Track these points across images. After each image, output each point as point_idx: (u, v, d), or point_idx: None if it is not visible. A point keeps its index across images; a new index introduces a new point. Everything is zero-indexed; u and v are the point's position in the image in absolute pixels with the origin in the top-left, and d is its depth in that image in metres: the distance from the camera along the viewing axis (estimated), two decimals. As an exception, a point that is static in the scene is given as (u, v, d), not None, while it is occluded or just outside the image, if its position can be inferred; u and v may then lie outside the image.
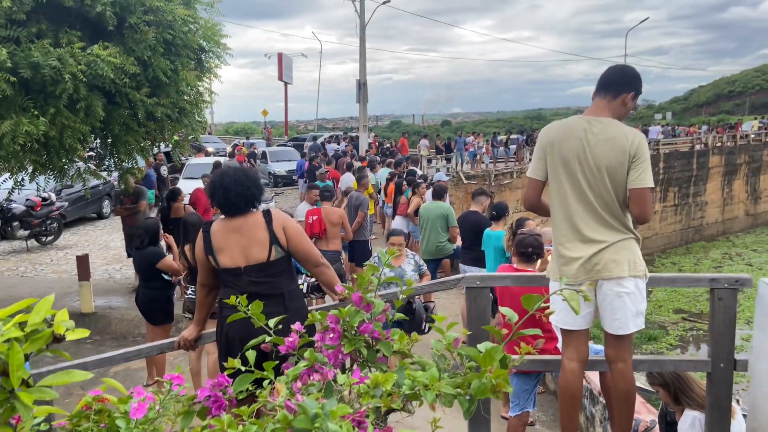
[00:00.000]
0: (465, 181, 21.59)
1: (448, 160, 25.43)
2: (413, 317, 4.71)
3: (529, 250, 3.83)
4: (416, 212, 8.90)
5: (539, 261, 3.95)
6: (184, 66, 6.80)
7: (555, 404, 5.07)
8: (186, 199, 9.26)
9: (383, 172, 13.05)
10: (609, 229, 2.72)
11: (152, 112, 6.53)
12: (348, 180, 11.28)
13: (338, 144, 23.92)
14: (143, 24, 6.08)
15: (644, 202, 2.69)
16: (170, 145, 8.37)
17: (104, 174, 7.80)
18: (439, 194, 7.88)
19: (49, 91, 5.59)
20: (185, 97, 7.24)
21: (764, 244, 27.31)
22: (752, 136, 32.60)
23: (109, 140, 7.11)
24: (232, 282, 2.89)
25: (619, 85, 2.76)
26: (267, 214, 2.97)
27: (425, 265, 5.68)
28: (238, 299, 1.70)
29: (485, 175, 22.82)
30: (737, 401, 4.64)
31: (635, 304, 2.71)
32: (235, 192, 2.92)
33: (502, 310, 1.44)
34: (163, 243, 5.87)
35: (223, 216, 3.00)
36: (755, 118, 45.35)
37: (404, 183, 9.87)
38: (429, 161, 24.18)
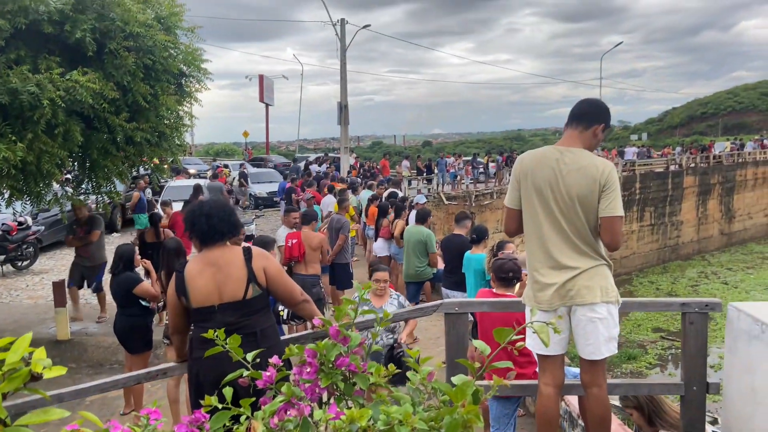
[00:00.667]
0: (446, 202, 21.75)
1: (429, 181, 25.63)
2: (401, 366, 4.59)
3: (509, 275, 3.89)
4: (402, 235, 8.95)
5: (518, 285, 4.00)
6: (164, 91, 6.82)
7: (535, 427, 5.09)
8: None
9: (365, 194, 13.11)
10: (582, 256, 2.78)
11: (131, 137, 6.52)
12: (329, 202, 11.30)
13: (319, 166, 23.98)
14: (123, 50, 6.10)
15: (615, 230, 2.76)
16: (149, 169, 8.32)
17: (81, 198, 7.71)
18: (422, 218, 7.95)
19: (27, 116, 5.56)
20: (165, 122, 7.25)
21: (739, 263, 27.81)
22: (724, 156, 33.36)
23: (87, 164, 7.06)
24: (204, 322, 2.78)
25: (591, 117, 2.85)
26: (247, 251, 2.92)
27: (409, 303, 5.49)
28: (216, 333, 1.71)
29: (466, 196, 22.99)
30: (716, 420, 4.71)
31: (608, 330, 2.76)
32: (218, 218, 2.88)
33: (475, 343, 1.47)
34: (140, 269, 5.81)
35: (198, 251, 2.95)
36: (728, 140, 46.48)
37: (390, 207, 9.89)
38: (410, 182, 24.34)
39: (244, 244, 3.65)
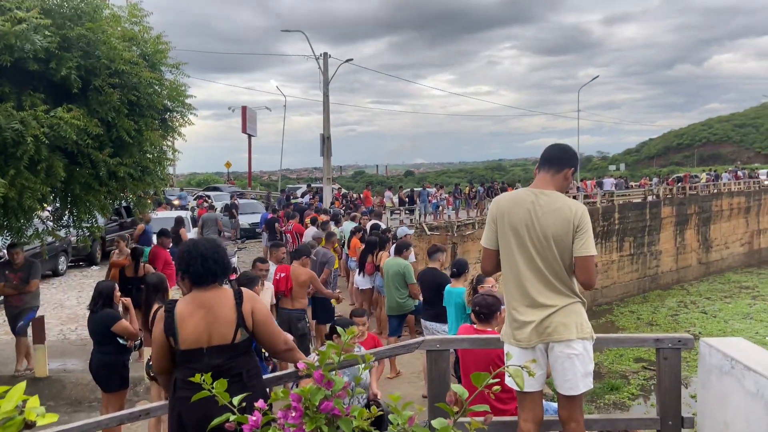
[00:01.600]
0: (428, 233, 21.85)
1: (411, 211, 25.77)
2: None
3: (488, 310, 3.96)
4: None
5: (497, 318, 4.05)
6: (149, 126, 6.88)
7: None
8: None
9: (347, 226, 13.15)
10: (558, 294, 2.87)
11: (114, 172, 6.54)
12: (311, 234, 11.31)
13: (302, 197, 24.03)
14: (108, 86, 6.17)
15: (589, 268, 2.87)
16: (131, 202, 8.30)
17: (62, 233, 7.66)
18: (398, 250, 8.01)
19: (9, 152, 5.56)
20: (148, 156, 7.29)
21: (717, 292, 28.18)
22: (700, 187, 34.08)
23: (69, 199, 7.06)
24: (190, 363, 2.76)
25: (562, 161, 2.99)
26: (238, 294, 2.91)
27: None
28: (203, 377, 1.75)
29: (448, 226, 23.14)
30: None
31: (584, 365, 2.84)
32: (212, 260, 2.85)
33: (454, 387, 1.53)
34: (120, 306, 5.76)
35: (187, 291, 2.94)
36: (703, 170, 47.52)
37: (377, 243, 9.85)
38: (392, 213, 24.45)
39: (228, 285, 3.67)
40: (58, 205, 7.45)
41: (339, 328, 1.82)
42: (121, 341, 5.34)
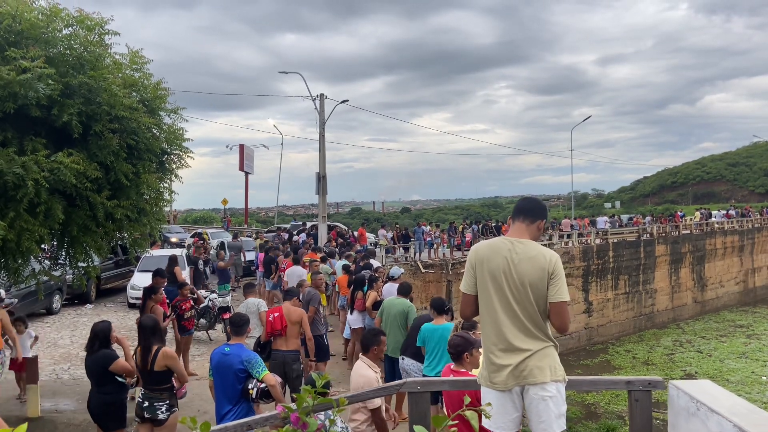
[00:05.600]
0: (423, 271, 21.94)
1: (406, 249, 25.91)
2: None
3: (453, 350, 4.07)
4: (374, 306, 9.06)
5: (466, 359, 4.08)
6: (146, 169, 7.09)
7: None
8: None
9: (339, 264, 13.27)
10: (532, 338, 3.01)
11: (112, 213, 6.70)
12: (293, 273, 11.56)
13: (297, 235, 24.15)
14: (108, 131, 6.39)
15: (563, 314, 3.02)
16: (127, 243, 8.43)
17: (57, 274, 7.78)
18: (404, 292, 8.16)
19: (10, 195, 5.73)
20: (145, 198, 7.48)
21: (712, 331, 28.14)
22: (693, 226, 34.34)
23: (66, 240, 7.19)
24: None
25: (535, 213, 3.19)
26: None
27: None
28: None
29: (443, 264, 23.23)
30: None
31: (557, 407, 2.96)
32: None
33: (416, 429, 1.66)
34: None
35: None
36: (697, 209, 47.90)
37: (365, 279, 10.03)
38: (387, 251, 24.58)
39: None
40: (55, 246, 7.58)
41: (314, 374, 1.95)
42: (119, 379, 5.43)
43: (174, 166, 7.98)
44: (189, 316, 9.48)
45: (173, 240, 24.91)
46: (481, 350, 4.04)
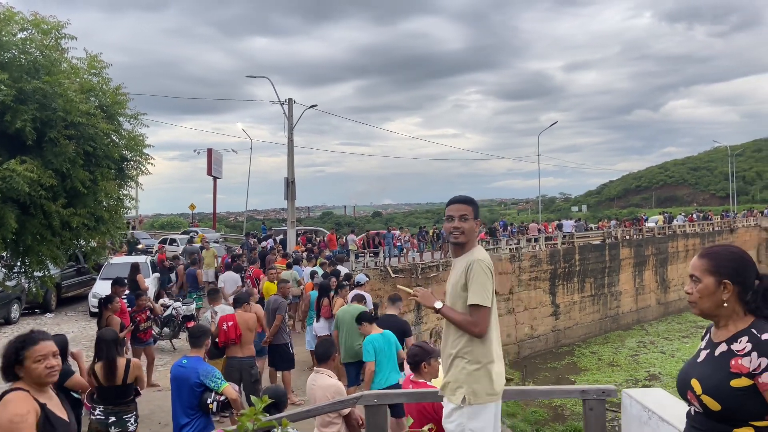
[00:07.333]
0: (393, 275, 21.97)
1: (376, 254, 25.85)
2: None
3: (411, 360, 4.05)
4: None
5: (423, 369, 4.02)
6: (104, 176, 6.92)
7: None
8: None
9: (308, 271, 13.17)
10: None
11: (68, 222, 6.53)
12: (227, 279, 11.92)
13: (265, 241, 23.92)
14: (63, 138, 6.22)
15: None
16: (85, 251, 8.23)
17: (11, 284, 7.54)
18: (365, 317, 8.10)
19: (-41, 204, 5.55)
20: (104, 205, 7.30)
21: (675, 332, 28.82)
22: (656, 229, 35.12)
23: (20, 249, 6.98)
24: None
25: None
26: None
27: None
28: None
29: (412, 268, 23.29)
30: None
31: None
32: None
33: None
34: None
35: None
36: (661, 213, 49.01)
37: (329, 287, 9.95)
38: (357, 256, 24.49)
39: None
40: (8, 256, 7.35)
41: (253, 398, 1.92)
42: (75, 395, 5.28)
43: (134, 172, 7.81)
44: (145, 327, 9.18)
45: (140, 246, 24.41)
46: (440, 360, 4.04)
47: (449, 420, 2.83)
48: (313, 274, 11.84)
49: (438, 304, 2.91)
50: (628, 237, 32.27)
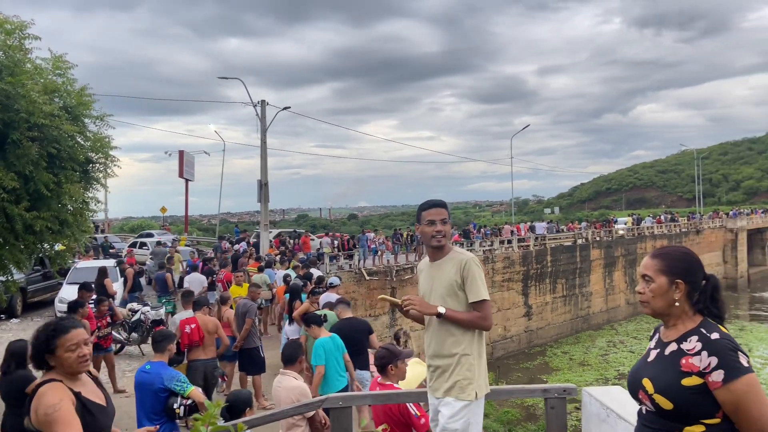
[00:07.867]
0: (367, 278, 21.97)
1: (351, 256, 25.83)
2: None
3: (378, 362, 4.06)
4: (302, 316, 8.93)
5: (390, 371, 4.04)
6: (68, 179, 6.80)
7: None
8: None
9: (281, 274, 13.09)
10: None
11: (31, 225, 6.41)
12: (192, 280, 11.91)
13: (237, 243, 23.72)
14: (26, 140, 6.11)
15: None
16: (50, 255, 8.06)
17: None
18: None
19: None
20: (68, 208, 7.18)
21: (644, 331, 29.33)
22: (625, 231, 35.76)
23: (-19, 253, 6.83)
24: None
25: None
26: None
27: None
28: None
29: (387, 270, 23.31)
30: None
31: None
32: None
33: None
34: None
35: None
36: (630, 215, 49.93)
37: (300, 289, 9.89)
38: (331, 259, 24.45)
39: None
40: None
41: (207, 402, 1.90)
42: None
43: (100, 174, 7.70)
44: (105, 334, 8.97)
45: (112, 250, 23.98)
46: (407, 362, 4.06)
47: (455, 418, 2.85)
48: (286, 277, 11.78)
49: (441, 309, 2.92)
50: (598, 238, 32.78)
